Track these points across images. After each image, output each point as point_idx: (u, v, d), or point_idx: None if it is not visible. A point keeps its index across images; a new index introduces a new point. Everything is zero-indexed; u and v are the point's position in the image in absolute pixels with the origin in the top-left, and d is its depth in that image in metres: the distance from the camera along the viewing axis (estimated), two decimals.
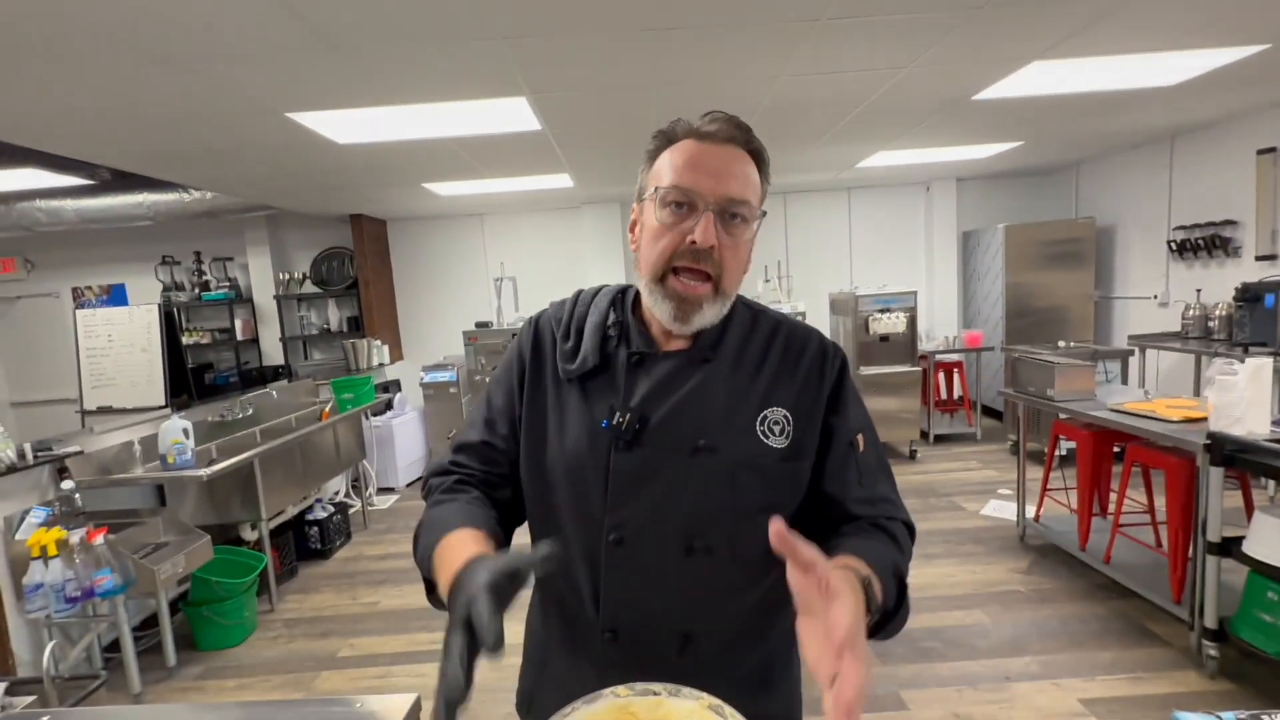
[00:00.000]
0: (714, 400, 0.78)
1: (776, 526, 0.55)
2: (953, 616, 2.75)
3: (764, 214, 0.80)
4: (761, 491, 0.78)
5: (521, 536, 0.84)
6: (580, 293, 0.90)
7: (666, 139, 0.79)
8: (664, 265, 0.76)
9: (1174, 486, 2.47)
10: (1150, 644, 2.46)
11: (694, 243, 0.74)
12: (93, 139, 2.96)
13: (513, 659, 0.76)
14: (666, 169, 0.76)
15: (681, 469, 0.77)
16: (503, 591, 0.59)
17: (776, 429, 0.79)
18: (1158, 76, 3.05)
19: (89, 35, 1.90)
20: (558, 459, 0.80)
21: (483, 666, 0.56)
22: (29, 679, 1.81)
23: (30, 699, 1.09)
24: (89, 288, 6.03)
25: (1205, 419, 2.37)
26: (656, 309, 0.79)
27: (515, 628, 0.60)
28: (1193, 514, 2.37)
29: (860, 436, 0.82)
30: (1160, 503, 2.83)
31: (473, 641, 0.56)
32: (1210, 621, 2.23)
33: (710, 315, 0.78)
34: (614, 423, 0.77)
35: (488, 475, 0.85)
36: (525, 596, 0.78)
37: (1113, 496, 3.05)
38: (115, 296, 6.02)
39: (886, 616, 0.71)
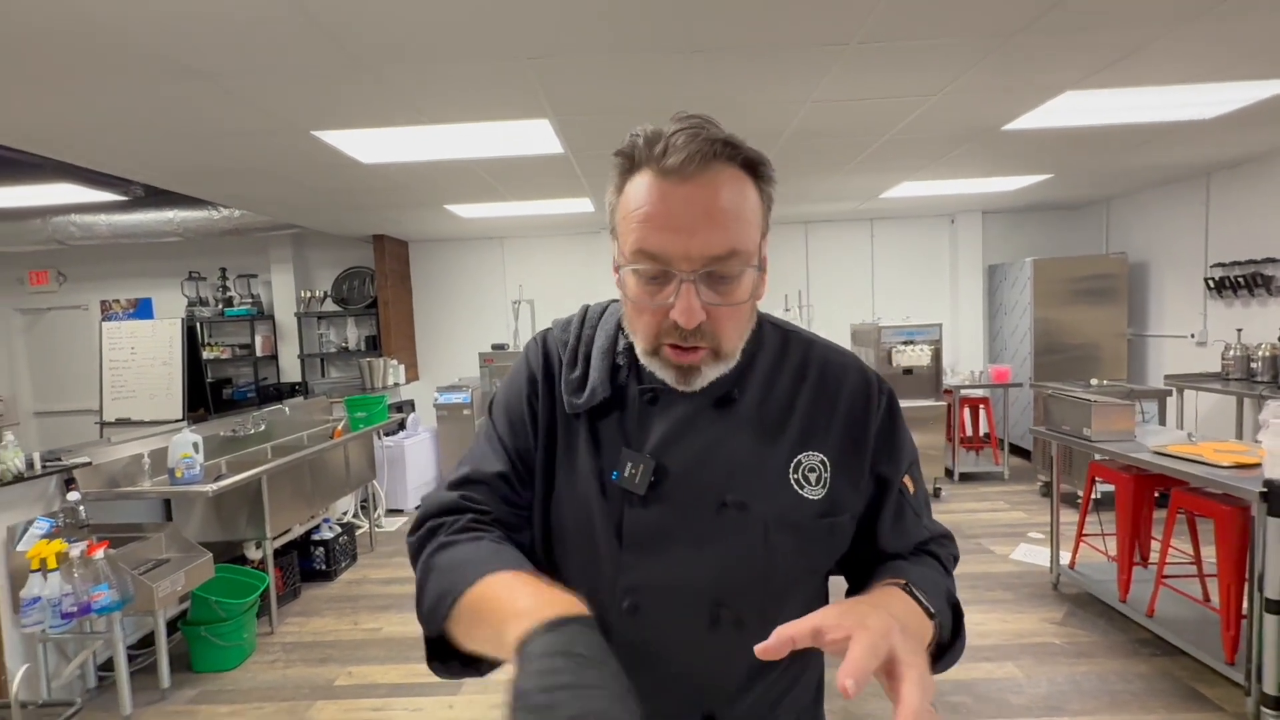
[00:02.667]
0: (741, 446, 0.68)
1: (766, 647, 0.50)
2: (982, 669, 2.57)
3: (764, 254, 0.67)
4: (797, 553, 0.67)
5: None
6: (587, 310, 0.78)
7: (628, 163, 0.64)
8: (655, 342, 0.65)
9: (1225, 537, 2.31)
10: (1201, 708, 2.26)
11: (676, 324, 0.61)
12: (126, 155, 3.02)
13: None
14: (630, 222, 0.62)
15: (706, 528, 0.66)
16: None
17: (812, 477, 0.68)
18: (1196, 109, 2.97)
19: (124, 54, 1.93)
20: (565, 509, 0.70)
21: None
22: None
23: None
24: (117, 301, 6.15)
25: (1258, 465, 2.22)
26: (659, 374, 0.68)
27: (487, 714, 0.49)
28: (1247, 567, 2.21)
29: (908, 478, 0.73)
30: (1208, 553, 2.66)
31: None
32: (1270, 687, 2.05)
33: (714, 374, 0.66)
34: (625, 475, 0.67)
35: (508, 516, 0.70)
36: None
37: (1154, 545, 2.88)
38: (141, 310, 6.13)
39: (941, 649, 0.65)
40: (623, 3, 1.79)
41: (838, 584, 0.77)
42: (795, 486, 0.68)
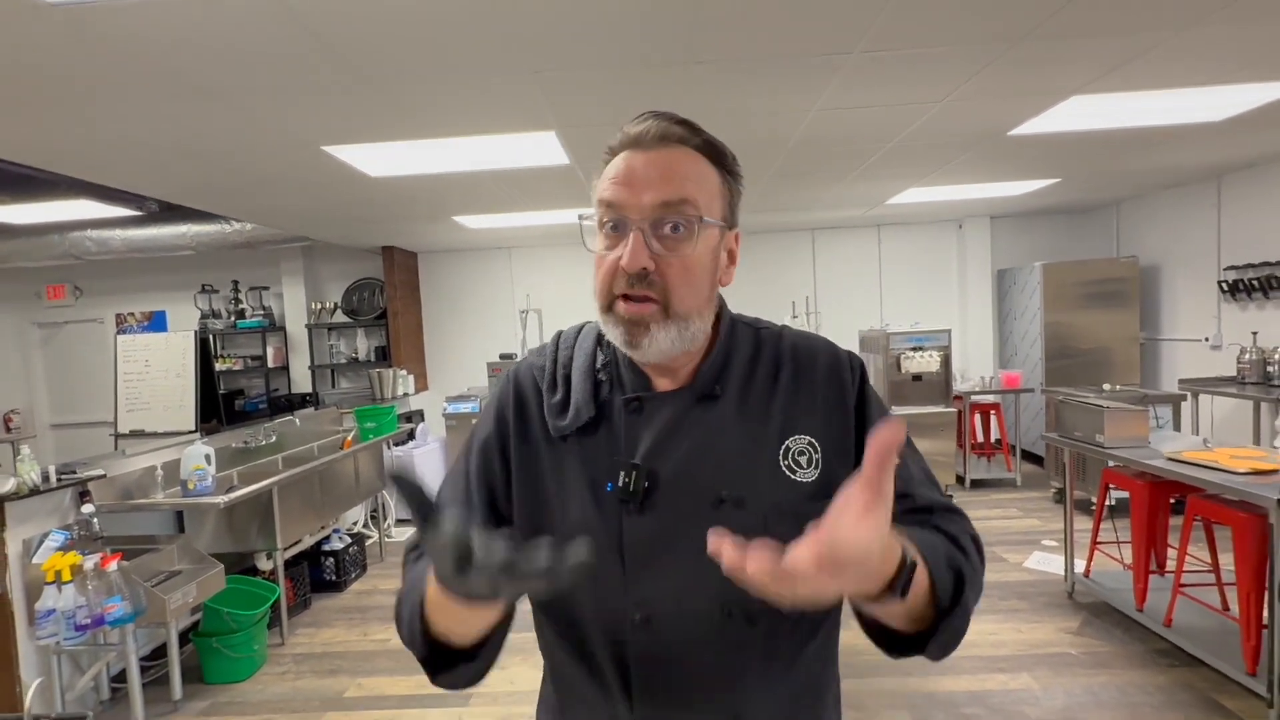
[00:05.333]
0: (728, 442, 0.69)
1: (719, 546, 0.47)
2: (996, 680, 2.54)
3: (728, 226, 0.70)
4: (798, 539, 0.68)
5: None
6: (560, 335, 0.79)
7: (611, 152, 0.70)
8: (608, 295, 0.68)
9: (1243, 545, 2.27)
10: None
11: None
12: (141, 172, 3.08)
13: None
14: (600, 186, 0.69)
15: (705, 527, 0.66)
16: (505, 565, 0.47)
17: (803, 460, 0.69)
18: (1205, 112, 2.95)
19: (138, 76, 1.97)
20: (562, 532, 0.69)
21: None
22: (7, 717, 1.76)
23: None
24: (131, 314, 6.24)
25: (1276, 471, 2.19)
26: (611, 337, 0.70)
27: None
28: (1267, 576, 2.17)
29: None
30: (1226, 560, 2.61)
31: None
32: None
33: (665, 340, 0.67)
34: (619, 485, 0.67)
35: None
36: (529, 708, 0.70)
37: (1171, 552, 2.83)
38: (156, 323, 6.21)
39: (941, 614, 0.59)
40: (626, 16, 1.81)
41: None
42: (787, 473, 0.68)
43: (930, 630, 0.60)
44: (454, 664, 0.66)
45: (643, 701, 0.68)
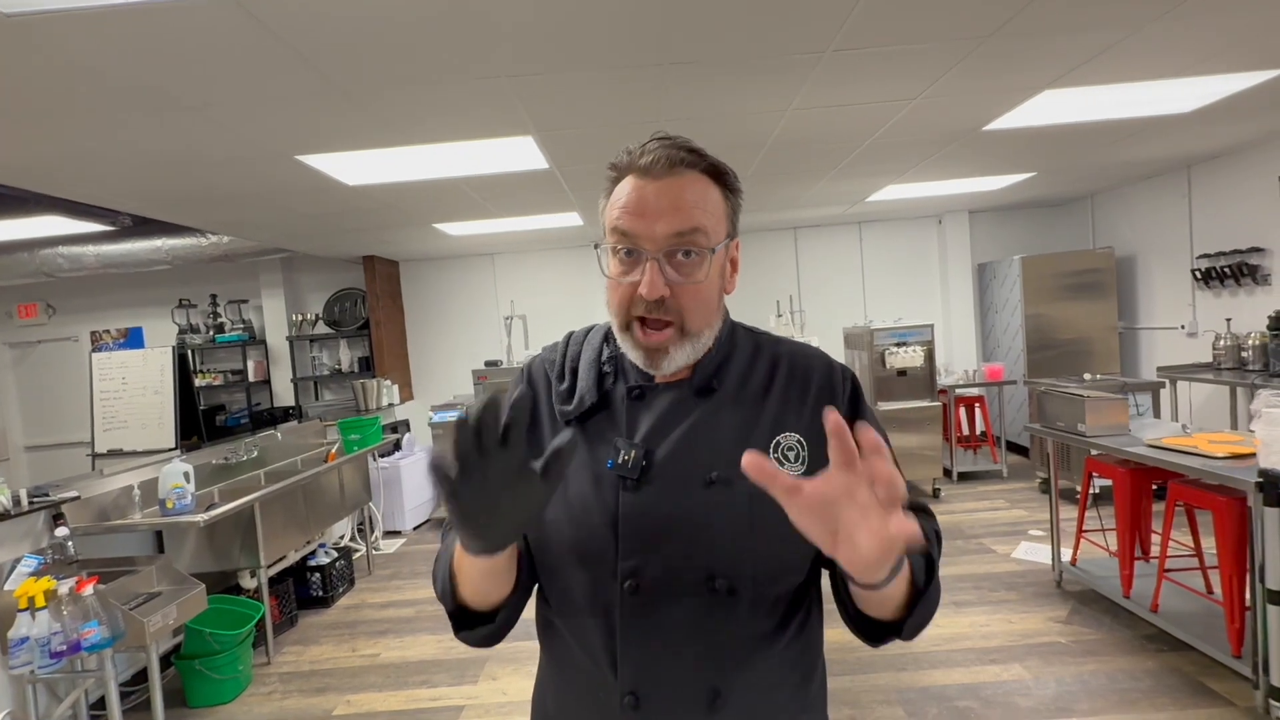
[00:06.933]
0: (722, 431, 0.74)
1: (833, 416, 0.53)
2: (989, 671, 2.55)
3: (730, 239, 0.76)
4: (782, 524, 0.70)
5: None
6: (571, 334, 0.87)
7: (617, 172, 0.75)
8: (625, 316, 0.74)
9: (1224, 529, 2.30)
10: (1211, 703, 2.24)
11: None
12: (112, 185, 3.01)
13: None
14: (611, 212, 0.74)
15: (695, 505, 0.72)
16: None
17: (791, 455, 0.74)
18: (1173, 103, 3.00)
19: (105, 87, 1.93)
20: (561, 506, 0.75)
21: None
22: None
23: None
24: (107, 331, 6.12)
25: (1254, 455, 2.22)
26: (631, 357, 0.77)
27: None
28: (1247, 558, 2.20)
29: None
30: (1208, 544, 2.65)
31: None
32: (1277, 679, 2.03)
33: (681, 358, 0.74)
34: (619, 461, 0.73)
35: None
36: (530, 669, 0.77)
37: (1155, 538, 2.87)
38: (132, 339, 6.10)
39: (917, 595, 0.67)
40: (599, 19, 1.80)
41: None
42: (777, 464, 0.71)
43: (905, 613, 0.66)
44: (474, 625, 0.75)
45: (627, 670, 0.72)
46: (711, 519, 0.71)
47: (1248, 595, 2.22)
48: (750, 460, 0.53)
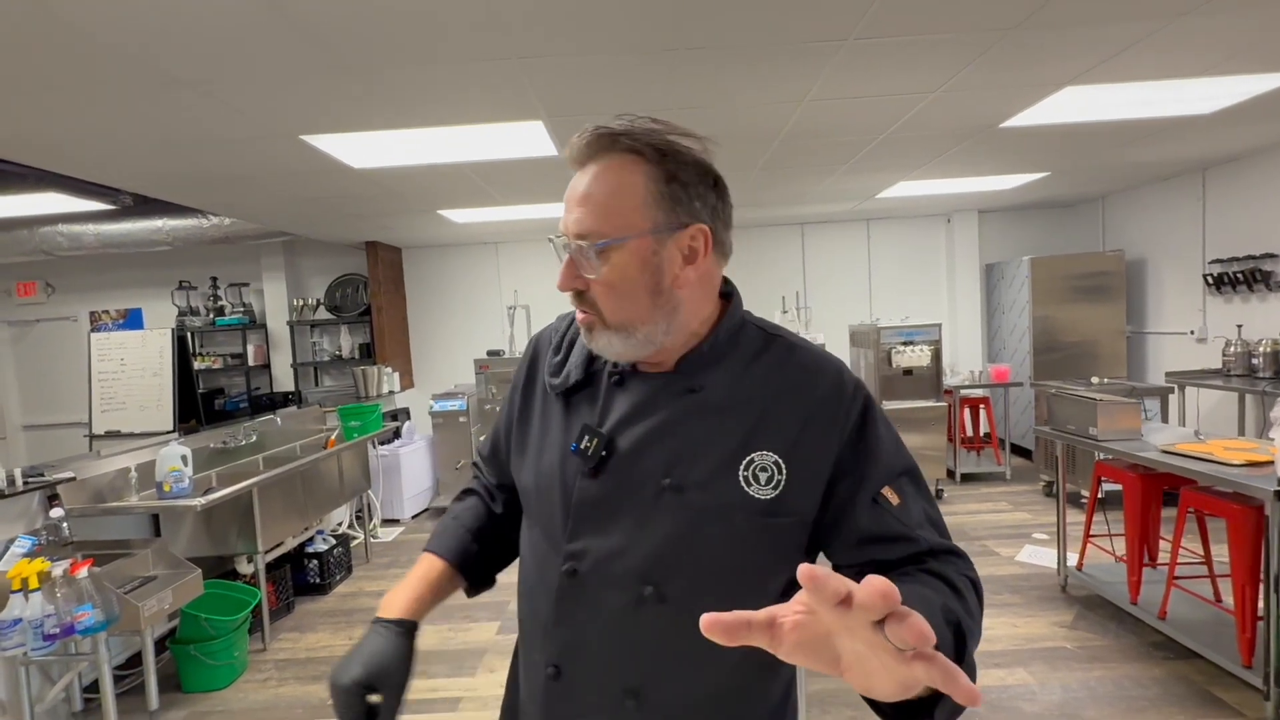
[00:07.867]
0: (691, 434, 0.71)
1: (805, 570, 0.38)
2: (993, 676, 2.52)
3: (670, 229, 0.68)
4: (728, 543, 0.69)
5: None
6: None
7: None
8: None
9: (1238, 537, 2.26)
10: (1220, 713, 2.21)
11: None
12: (110, 162, 2.96)
13: None
14: None
15: (644, 507, 0.70)
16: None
17: (763, 477, 0.69)
18: (1196, 104, 2.95)
19: (109, 63, 1.87)
20: (532, 476, 0.78)
21: None
22: None
23: None
24: (106, 311, 6.07)
25: (1270, 463, 2.18)
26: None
27: None
28: (1261, 568, 2.16)
29: (888, 489, 0.69)
30: (1219, 552, 2.61)
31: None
32: None
33: (611, 345, 0.71)
34: (581, 447, 0.72)
35: (492, 487, 0.92)
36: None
37: (1164, 545, 2.83)
38: (131, 320, 6.04)
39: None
40: (615, 2, 1.75)
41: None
42: (743, 483, 0.69)
43: (928, 702, 0.49)
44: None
45: (553, 644, 0.73)
46: (655, 525, 0.69)
47: (1260, 605, 2.19)
48: (709, 621, 0.41)
